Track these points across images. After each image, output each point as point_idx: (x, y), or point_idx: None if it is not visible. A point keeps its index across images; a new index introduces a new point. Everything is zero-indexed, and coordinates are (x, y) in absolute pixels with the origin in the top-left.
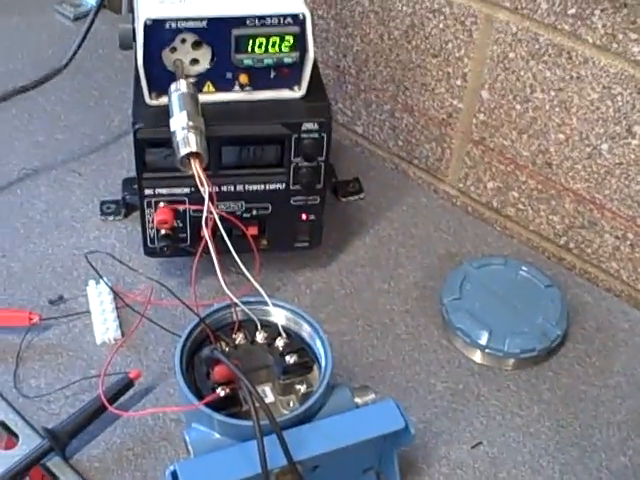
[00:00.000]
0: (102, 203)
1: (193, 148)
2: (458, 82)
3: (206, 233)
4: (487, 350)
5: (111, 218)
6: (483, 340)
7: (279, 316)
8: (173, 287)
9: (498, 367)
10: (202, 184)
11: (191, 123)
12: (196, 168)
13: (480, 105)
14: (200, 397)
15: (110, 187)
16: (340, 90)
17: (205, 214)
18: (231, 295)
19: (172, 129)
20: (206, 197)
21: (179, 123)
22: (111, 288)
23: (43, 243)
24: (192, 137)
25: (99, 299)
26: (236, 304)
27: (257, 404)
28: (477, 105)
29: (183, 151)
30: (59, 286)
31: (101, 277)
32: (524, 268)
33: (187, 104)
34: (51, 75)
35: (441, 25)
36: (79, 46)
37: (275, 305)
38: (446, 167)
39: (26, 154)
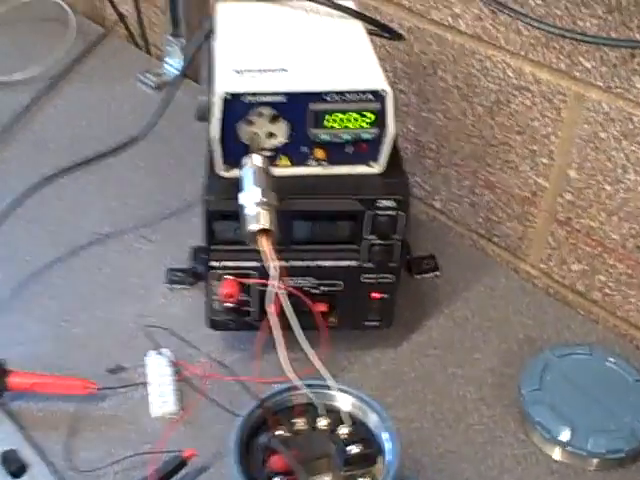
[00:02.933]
0: (169, 271)
1: (265, 224)
2: (544, 160)
3: (269, 313)
4: (568, 448)
5: (178, 287)
6: (564, 437)
7: (344, 401)
8: (235, 361)
9: (580, 467)
10: (271, 261)
11: (264, 199)
12: (266, 244)
13: (567, 184)
14: None
15: (179, 255)
16: (419, 164)
17: (271, 292)
18: (294, 378)
19: (241, 202)
20: (275, 280)
21: (251, 198)
22: (171, 361)
23: (106, 309)
24: (264, 213)
25: (158, 370)
26: (298, 387)
27: None
28: (563, 184)
29: (254, 227)
30: (119, 354)
31: (159, 350)
32: (611, 359)
33: (260, 179)
34: (128, 143)
35: (527, 102)
36: (158, 116)
37: (340, 390)
38: (528, 246)
39: (98, 219)
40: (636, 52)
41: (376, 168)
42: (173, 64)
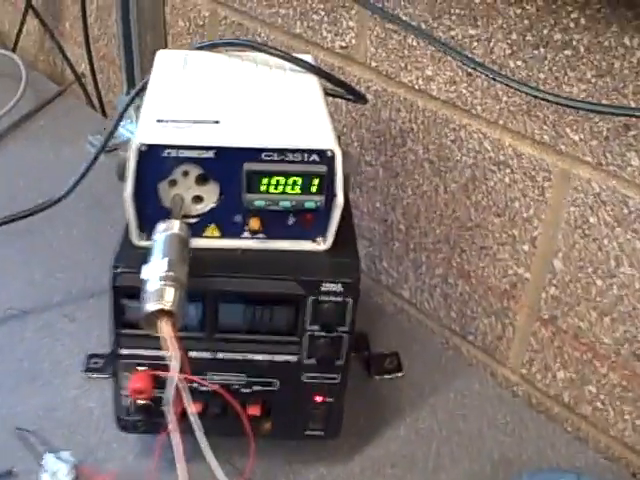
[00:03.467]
0: (89, 357)
1: (166, 304)
2: (525, 247)
3: (170, 413)
4: None
5: (95, 376)
6: None
7: None
8: (152, 470)
9: None
10: (172, 350)
11: (171, 273)
12: (166, 330)
13: (552, 277)
14: None
15: (103, 339)
16: (386, 247)
17: (172, 389)
18: None
19: (143, 277)
20: (175, 367)
21: (156, 271)
22: (72, 467)
23: (8, 399)
24: (168, 291)
25: (54, 479)
26: None
27: None
28: (548, 276)
29: (152, 306)
30: (12, 456)
31: (59, 453)
32: None
33: (172, 249)
34: (48, 205)
35: (507, 179)
36: (81, 176)
37: None
38: (507, 348)
39: (19, 292)
40: (631, 123)
41: (322, 244)
42: (128, 126)
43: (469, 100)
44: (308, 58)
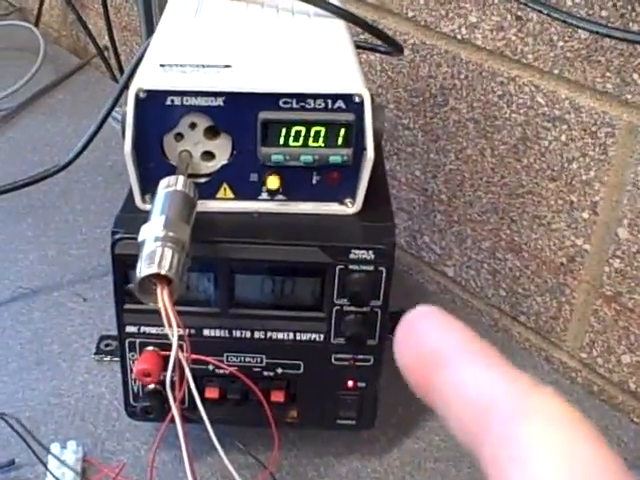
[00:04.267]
0: (101, 338)
1: (161, 268)
2: (585, 215)
3: (170, 397)
4: None
5: (107, 358)
6: None
7: None
8: (166, 462)
9: None
10: (170, 324)
11: (170, 234)
12: (163, 300)
13: (616, 247)
14: None
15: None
16: (427, 220)
17: (171, 367)
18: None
19: (141, 238)
20: (174, 347)
21: (152, 231)
22: (79, 457)
23: (15, 383)
24: (164, 253)
25: (60, 471)
26: None
27: None
28: (611, 247)
29: (145, 270)
30: (17, 445)
31: (65, 442)
32: None
33: (173, 207)
34: (54, 171)
35: (563, 138)
36: (84, 147)
37: None
38: (564, 329)
39: (29, 270)
40: None
41: (350, 207)
42: None
43: (519, 48)
44: (334, 1)
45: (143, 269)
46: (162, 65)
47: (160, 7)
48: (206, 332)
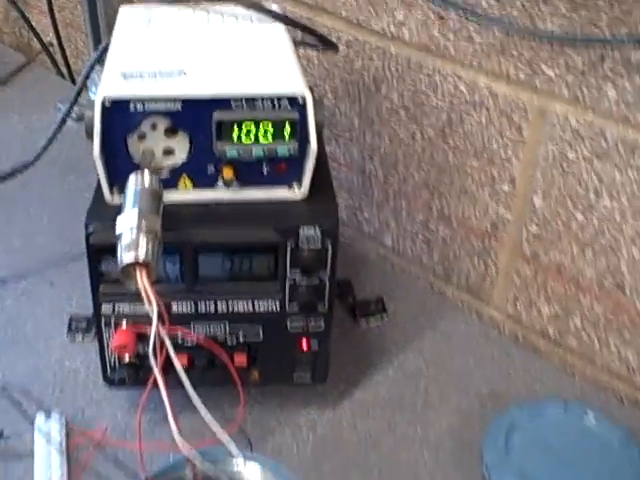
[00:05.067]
0: (71, 319)
1: (140, 256)
2: (505, 187)
3: (153, 364)
4: None
5: (79, 338)
6: None
7: (254, 475)
8: (145, 422)
9: None
10: (150, 302)
11: (143, 223)
12: (142, 283)
13: (532, 214)
14: None
15: (84, 301)
16: (366, 197)
17: (152, 339)
18: (183, 446)
19: (118, 231)
20: (154, 322)
21: (128, 223)
22: (63, 425)
23: None
24: (142, 242)
25: (46, 438)
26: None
27: None
28: (528, 214)
29: (126, 258)
30: (2, 418)
31: (49, 413)
32: (590, 416)
33: (142, 200)
34: (18, 170)
35: (483, 120)
36: (49, 140)
37: (250, 459)
38: (491, 287)
39: None
40: (606, 54)
41: (298, 192)
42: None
43: (442, 43)
44: (274, 7)
45: (124, 258)
46: (124, 74)
47: (105, 5)
48: (175, 307)
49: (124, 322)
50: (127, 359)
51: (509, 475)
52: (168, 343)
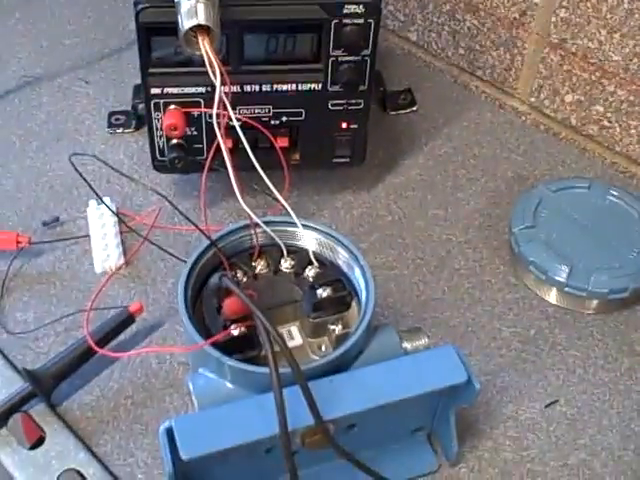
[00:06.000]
0: (110, 114)
1: (201, 20)
2: None
3: (218, 134)
4: (567, 289)
5: (120, 131)
6: (562, 276)
7: (310, 240)
8: (188, 209)
9: (578, 310)
10: (212, 69)
11: None
12: (205, 47)
13: None
14: (209, 336)
15: (121, 97)
16: None
17: (216, 109)
18: (250, 212)
19: None
20: (218, 85)
21: None
22: (110, 209)
23: (41, 158)
24: (201, 7)
25: (100, 221)
26: (256, 224)
27: (276, 346)
28: None
29: (187, 23)
30: (56, 206)
31: (98, 195)
32: (614, 192)
33: None
34: None
35: None
36: None
37: (305, 227)
38: (515, 78)
39: (28, 60)
40: None
41: None
42: None
43: None
44: None
45: (185, 22)
46: None
47: None
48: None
49: (171, 105)
50: (175, 141)
51: (537, 245)
52: (230, 111)
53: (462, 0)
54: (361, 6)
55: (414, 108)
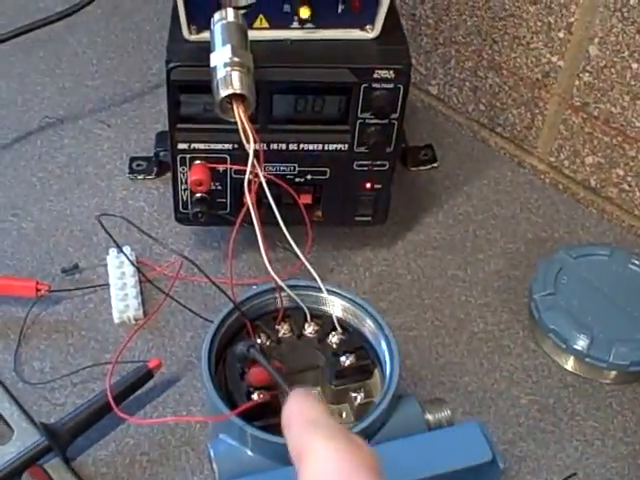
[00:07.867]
0: (132, 160)
1: (237, 88)
2: (560, 34)
3: (248, 198)
4: (587, 359)
5: (141, 177)
6: (583, 346)
7: (335, 306)
8: (208, 261)
9: (597, 379)
10: (246, 135)
11: (236, 59)
12: (239, 114)
13: (586, 63)
14: (231, 402)
15: (142, 142)
16: (414, 43)
17: (248, 174)
18: (275, 277)
19: (212, 65)
20: (251, 152)
21: (221, 58)
22: (129, 259)
23: (61, 202)
24: (236, 75)
25: (120, 270)
26: (281, 288)
27: None
28: (582, 63)
29: (224, 92)
30: (76, 253)
31: (118, 245)
32: (635, 261)
33: (233, 36)
34: (78, 7)
35: None
36: None
37: (331, 292)
38: (536, 137)
39: (50, 101)
40: None
41: (371, 32)
42: None
43: None
44: None
45: (221, 91)
46: None
47: None
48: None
49: (197, 160)
50: (199, 195)
51: (558, 313)
52: (263, 179)
53: (485, 58)
54: (391, 71)
55: (435, 165)
